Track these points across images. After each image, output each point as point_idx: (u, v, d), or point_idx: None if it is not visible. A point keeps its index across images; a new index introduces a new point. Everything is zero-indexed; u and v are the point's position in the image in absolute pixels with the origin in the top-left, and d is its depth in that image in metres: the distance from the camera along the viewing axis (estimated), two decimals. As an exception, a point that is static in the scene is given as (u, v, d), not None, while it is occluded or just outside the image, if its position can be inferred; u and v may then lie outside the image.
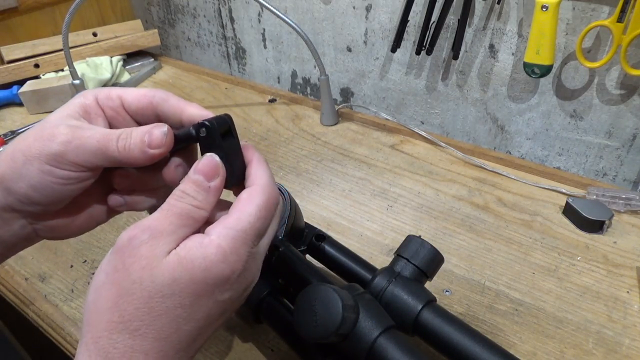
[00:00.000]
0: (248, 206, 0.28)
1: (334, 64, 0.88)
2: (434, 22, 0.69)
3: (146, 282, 0.24)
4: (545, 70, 0.61)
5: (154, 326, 0.25)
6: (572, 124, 0.67)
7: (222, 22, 1.01)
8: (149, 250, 0.25)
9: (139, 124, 0.32)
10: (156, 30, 1.04)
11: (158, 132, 0.28)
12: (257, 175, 0.30)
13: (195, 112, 0.30)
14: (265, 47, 0.97)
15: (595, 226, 0.56)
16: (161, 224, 0.26)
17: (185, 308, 0.25)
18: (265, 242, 0.29)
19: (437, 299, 0.38)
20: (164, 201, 0.28)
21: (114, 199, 0.33)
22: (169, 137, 0.29)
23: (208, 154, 0.29)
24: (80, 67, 0.89)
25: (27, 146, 0.28)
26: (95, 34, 0.99)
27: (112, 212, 0.35)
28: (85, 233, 0.34)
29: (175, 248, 0.26)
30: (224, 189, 0.29)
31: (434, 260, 0.39)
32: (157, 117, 0.31)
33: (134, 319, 0.24)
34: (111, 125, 0.31)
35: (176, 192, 0.27)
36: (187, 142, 0.30)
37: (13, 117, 0.87)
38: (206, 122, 0.29)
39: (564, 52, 0.63)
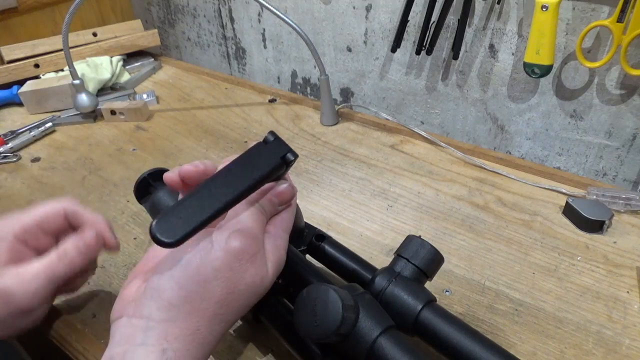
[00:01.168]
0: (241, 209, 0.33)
1: (334, 64, 0.88)
2: (434, 22, 0.69)
3: (254, 287, 0.30)
4: (545, 70, 0.61)
5: (235, 314, 0.30)
6: (572, 124, 0.67)
7: (222, 22, 1.01)
8: (252, 257, 0.31)
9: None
10: (156, 30, 1.04)
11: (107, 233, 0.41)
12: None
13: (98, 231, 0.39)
14: (265, 47, 0.97)
15: (595, 226, 0.56)
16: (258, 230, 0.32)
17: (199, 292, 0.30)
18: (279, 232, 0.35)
19: (437, 299, 0.38)
20: None
21: None
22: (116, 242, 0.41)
23: (283, 181, 0.36)
24: (80, 67, 0.89)
25: None
26: (95, 34, 0.99)
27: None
28: None
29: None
30: None
31: (434, 260, 0.39)
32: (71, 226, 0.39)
33: (232, 312, 0.30)
34: (35, 249, 0.38)
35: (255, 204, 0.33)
36: None
37: (13, 117, 0.87)
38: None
39: (564, 52, 0.63)
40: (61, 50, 0.86)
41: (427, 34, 0.70)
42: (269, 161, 0.32)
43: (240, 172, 0.31)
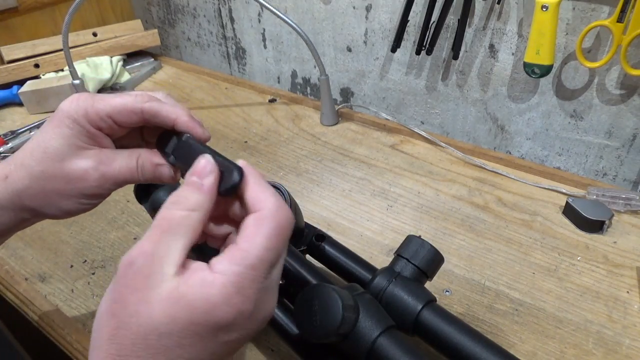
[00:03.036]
0: (256, 237, 0.25)
1: (334, 64, 0.88)
2: (434, 22, 0.68)
3: (143, 318, 0.23)
4: (545, 70, 0.61)
5: None
6: (572, 124, 0.67)
7: (222, 22, 1.01)
8: (143, 281, 0.24)
9: (133, 130, 0.35)
10: (156, 30, 1.04)
11: (166, 173, 0.34)
12: (262, 198, 0.27)
13: (184, 126, 0.32)
14: (265, 47, 0.97)
15: (595, 226, 0.56)
16: (154, 245, 0.24)
17: (185, 348, 0.23)
18: (277, 270, 0.27)
19: (437, 299, 0.38)
20: None
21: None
22: (176, 175, 0.34)
23: (202, 156, 0.28)
24: (80, 67, 0.89)
25: (60, 189, 0.31)
26: (95, 34, 0.99)
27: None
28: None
29: (175, 272, 0.24)
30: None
31: (434, 260, 0.39)
32: (148, 125, 0.33)
33: (131, 353, 0.23)
34: (110, 137, 0.33)
35: (169, 199, 0.26)
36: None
37: (13, 117, 0.87)
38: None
39: (564, 52, 0.63)
40: (61, 50, 0.86)
41: (427, 34, 0.70)
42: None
43: None
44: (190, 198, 0.26)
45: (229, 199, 0.29)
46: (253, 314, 0.25)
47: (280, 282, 0.41)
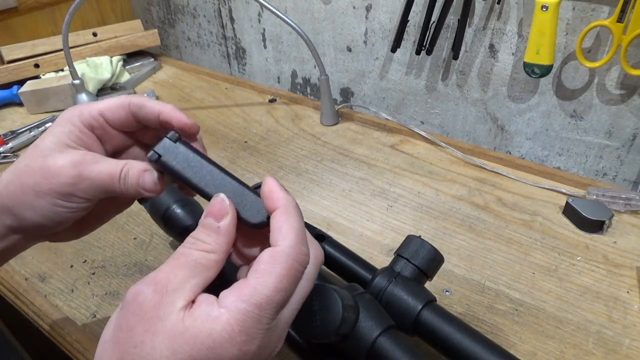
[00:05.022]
0: (267, 276, 0.24)
1: (334, 64, 0.88)
2: (434, 22, 0.68)
3: (146, 350, 0.23)
4: (545, 70, 0.61)
5: None
6: (572, 124, 0.67)
7: (222, 22, 1.01)
8: (153, 309, 0.24)
9: (125, 132, 0.34)
10: (156, 30, 1.04)
11: (149, 180, 0.31)
12: (283, 230, 0.26)
13: (167, 115, 0.32)
14: (265, 47, 0.97)
15: (595, 226, 0.56)
16: (168, 276, 0.25)
17: None
18: (290, 309, 0.26)
19: (437, 299, 0.38)
20: None
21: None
22: (160, 184, 0.31)
23: (216, 195, 0.28)
24: (80, 67, 0.89)
25: (35, 183, 0.30)
26: (95, 34, 0.99)
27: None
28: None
29: (184, 306, 0.24)
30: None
31: (434, 260, 0.39)
32: (139, 123, 0.33)
33: None
34: (101, 142, 0.33)
35: (188, 239, 0.27)
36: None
37: (13, 117, 0.87)
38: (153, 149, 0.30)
39: (564, 52, 0.63)
40: (61, 50, 0.86)
41: (427, 34, 0.70)
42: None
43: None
44: (207, 240, 0.26)
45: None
46: (255, 355, 0.24)
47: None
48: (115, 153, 0.35)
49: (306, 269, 0.26)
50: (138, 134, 0.35)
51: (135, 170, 0.31)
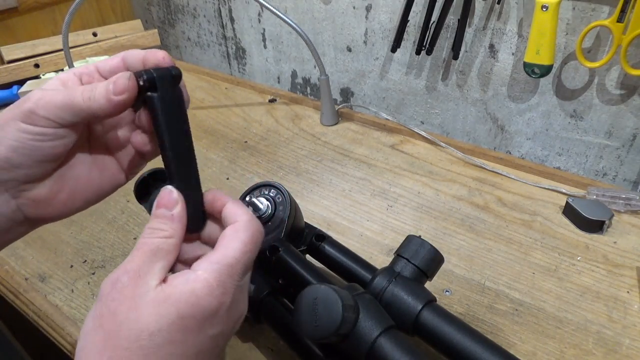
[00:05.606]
0: (233, 242, 0.28)
1: (334, 64, 0.88)
2: (434, 22, 0.68)
3: (132, 322, 0.24)
4: (545, 70, 0.61)
5: None
6: (572, 124, 0.67)
7: (222, 22, 1.01)
8: (131, 291, 0.25)
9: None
10: (156, 30, 1.04)
11: (122, 79, 0.28)
12: (238, 212, 0.30)
13: (153, 59, 0.30)
14: (265, 47, 0.97)
15: (595, 226, 0.56)
16: (137, 264, 0.26)
17: (176, 344, 0.25)
18: (248, 277, 0.30)
19: (437, 299, 0.38)
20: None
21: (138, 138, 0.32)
22: (131, 81, 0.28)
23: (164, 187, 0.30)
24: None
25: (3, 113, 0.28)
26: (95, 34, 0.99)
27: (96, 194, 0.34)
28: (74, 214, 0.34)
29: (159, 284, 0.26)
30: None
31: (434, 260, 0.39)
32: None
33: (123, 359, 0.24)
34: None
35: (145, 230, 0.28)
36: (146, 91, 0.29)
37: (13, 117, 0.87)
38: (147, 71, 0.29)
39: (564, 52, 0.63)
40: (61, 50, 0.86)
41: (427, 34, 0.70)
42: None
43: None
44: (164, 227, 0.28)
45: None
46: (231, 308, 0.27)
47: (280, 282, 0.41)
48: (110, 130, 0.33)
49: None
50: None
51: (104, 81, 0.29)
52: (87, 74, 0.31)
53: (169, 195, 0.29)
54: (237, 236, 0.28)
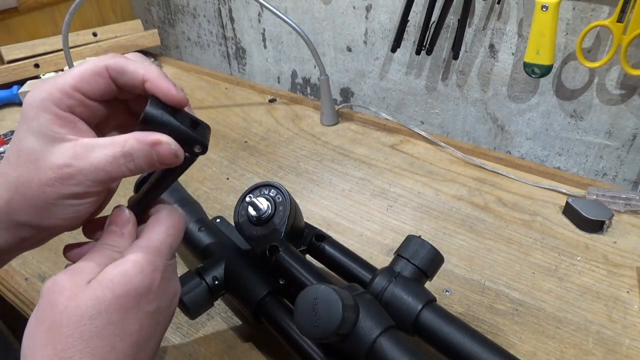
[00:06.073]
0: (157, 227, 0.30)
1: (334, 64, 0.88)
2: (434, 22, 0.68)
3: (71, 309, 0.25)
4: (545, 70, 0.61)
5: (88, 349, 0.25)
6: (572, 124, 0.67)
7: (222, 22, 1.01)
8: (71, 282, 0.26)
9: (106, 102, 0.30)
10: (156, 30, 1.04)
11: (166, 151, 0.28)
12: (160, 206, 0.32)
13: (153, 85, 0.31)
14: (265, 47, 0.97)
15: (595, 226, 0.56)
16: (83, 264, 0.27)
17: (116, 324, 0.26)
18: (174, 259, 0.31)
19: (437, 299, 0.38)
20: None
21: None
22: (179, 152, 0.29)
23: (115, 208, 0.31)
24: (80, 67, 0.89)
25: (43, 194, 0.27)
26: (95, 34, 0.99)
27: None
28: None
29: (94, 278, 0.27)
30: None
31: (434, 260, 0.39)
32: (122, 90, 0.30)
33: (67, 347, 0.24)
34: (85, 119, 0.29)
35: (97, 244, 0.30)
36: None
37: (13, 117, 0.87)
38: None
39: (564, 52, 0.63)
40: (61, 50, 0.86)
41: (427, 34, 0.70)
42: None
43: None
44: (115, 244, 0.30)
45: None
46: (163, 285, 0.29)
47: (280, 282, 0.41)
48: (101, 123, 0.31)
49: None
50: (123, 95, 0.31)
51: (142, 145, 0.27)
52: (77, 105, 0.28)
53: (121, 215, 0.31)
54: (159, 222, 0.30)
